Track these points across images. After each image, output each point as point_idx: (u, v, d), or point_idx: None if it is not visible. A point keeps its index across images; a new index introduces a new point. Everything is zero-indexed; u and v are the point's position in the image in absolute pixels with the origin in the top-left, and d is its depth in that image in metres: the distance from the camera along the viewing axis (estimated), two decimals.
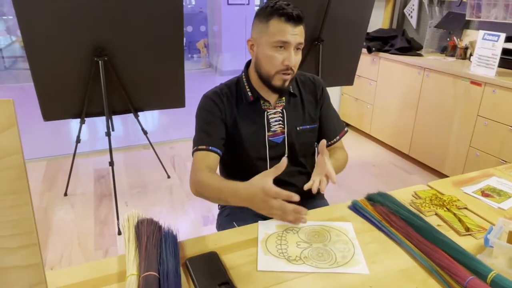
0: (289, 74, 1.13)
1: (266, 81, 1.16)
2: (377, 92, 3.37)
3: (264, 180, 0.89)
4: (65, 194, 2.57)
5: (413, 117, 3.01)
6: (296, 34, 1.09)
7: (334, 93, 3.88)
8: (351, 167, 3.12)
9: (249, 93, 1.20)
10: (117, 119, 4.01)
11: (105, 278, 0.82)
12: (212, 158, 1.15)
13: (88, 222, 2.28)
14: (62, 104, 2.20)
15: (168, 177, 2.82)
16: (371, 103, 3.45)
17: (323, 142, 1.08)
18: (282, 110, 1.23)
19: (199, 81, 6.18)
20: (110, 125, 2.23)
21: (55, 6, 1.91)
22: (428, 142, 2.90)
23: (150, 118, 4.34)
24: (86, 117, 2.26)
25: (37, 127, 2.56)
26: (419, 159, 3.03)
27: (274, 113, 1.22)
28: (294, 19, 1.08)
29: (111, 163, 2.22)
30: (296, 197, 0.86)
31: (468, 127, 2.56)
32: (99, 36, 2.05)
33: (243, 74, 1.23)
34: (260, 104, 1.21)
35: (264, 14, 1.10)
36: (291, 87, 1.23)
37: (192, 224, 2.30)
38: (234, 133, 1.20)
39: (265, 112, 1.21)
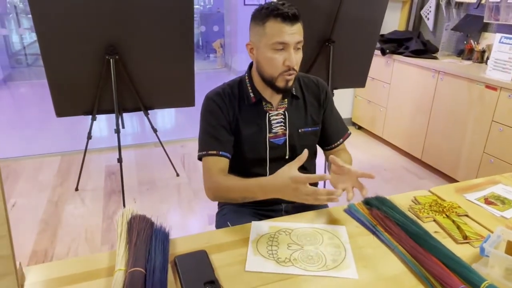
0: (291, 74, 1.12)
1: (269, 83, 1.15)
2: (390, 95, 3.31)
3: (290, 171, 0.93)
4: (76, 189, 2.63)
5: (426, 121, 2.95)
6: (294, 33, 1.07)
7: (347, 95, 3.84)
8: (361, 170, 3.09)
9: (251, 95, 1.20)
10: (132, 117, 4.09)
11: (94, 272, 0.84)
12: (223, 163, 1.17)
13: (96, 217, 2.33)
14: (74, 101, 2.25)
15: (177, 175, 2.85)
16: (384, 106, 3.39)
17: (334, 158, 1.07)
18: (284, 112, 1.22)
19: (213, 80, 6.22)
20: (119, 122, 2.26)
21: (68, 5, 1.96)
22: (441, 147, 2.84)
23: (164, 116, 4.39)
24: (97, 114, 2.31)
25: (55, 122, 2.65)
26: (432, 164, 2.97)
27: (276, 115, 1.21)
28: (291, 18, 1.06)
29: (120, 160, 2.25)
30: (328, 176, 0.92)
31: (482, 132, 2.49)
32: (110, 34, 2.09)
33: (246, 75, 1.23)
34: (262, 106, 1.21)
35: (260, 16, 1.09)
36: (294, 89, 1.22)
37: (198, 222, 2.31)
38: (235, 133, 1.21)
39: (267, 114, 1.20)
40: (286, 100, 1.22)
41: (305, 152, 0.94)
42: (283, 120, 1.22)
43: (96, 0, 1.98)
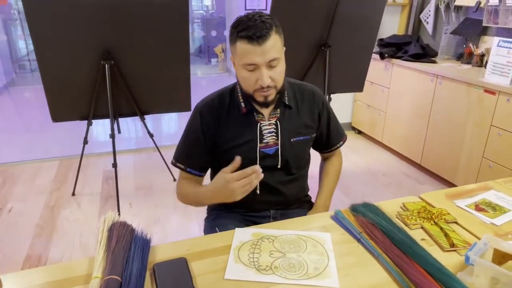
0: (267, 91, 1.08)
1: (249, 97, 1.14)
2: (389, 99, 3.29)
3: (224, 174, 1.03)
4: (73, 194, 2.63)
5: (425, 126, 2.92)
6: (264, 52, 1.02)
7: (347, 100, 3.82)
8: (360, 175, 3.09)
9: (242, 104, 1.17)
10: (132, 121, 4.10)
11: (72, 279, 0.83)
12: (189, 176, 1.23)
13: (91, 222, 2.32)
14: (70, 106, 2.25)
15: (174, 180, 2.84)
16: (384, 110, 3.37)
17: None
18: (276, 122, 1.19)
19: (214, 85, 6.22)
20: (114, 127, 2.26)
21: (64, 11, 1.97)
22: (440, 151, 2.81)
23: (165, 120, 4.40)
24: (93, 119, 2.31)
25: (55, 127, 2.67)
26: (431, 169, 2.94)
27: (268, 125, 1.18)
28: (257, 39, 1.00)
29: (114, 165, 2.25)
30: (257, 167, 1.00)
31: (481, 137, 2.46)
32: (106, 40, 2.09)
33: (238, 84, 1.19)
34: (254, 116, 1.18)
35: (232, 35, 1.06)
36: (287, 98, 1.19)
37: (193, 227, 2.30)
38: (224, 143, 1.18)
39: (258, 124, 1.18)
40: (278, 110, 1.19)
41: (237, 159, 1.05)
42: (275, 130, 1.19)
43: (91, 5, 1.98)
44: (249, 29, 1.01)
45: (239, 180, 0.99)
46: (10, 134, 3.88)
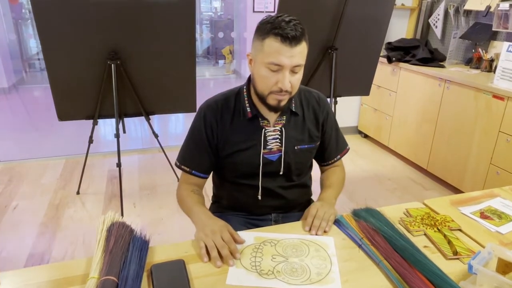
0: (284, 95, 1.07)
1: (261, 99, 1.11)
2: (396, 103, 3.26)
3: (226, 224, 1.00)
4: (78, 193, 2.64)
5: (433, 131, 2.89)
6: (292, 55, 1.00)
7: (353, 103, 3.80)
8: (365, 179, 3.06)
9: (248, 109, 1.15)
10: (138, 121, 4.12)
11: (69, 279, 0.83)
12: (195, 180, 1.22)
13: (95, 221, 2.33)
14: (76, 105, 2.26)
15: (178, 181, 2.84)
16: (390, 114, 3.34)
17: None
18: (281, 128, 1.17)
19: (221, 86, 6.23)
20: (120, 127, 2.27)
21: (71, 11, 1.98)
22: (447, 157, 2.78)
23: (171, 121, 4.41)
24: (98, 118, 2.32)
25: (62, 126, 2.69)
26: (438, 174, 2.90)
27: (273, 131, 1.17)
28: (290, 40, 0.99)
29: (119, 165, 2.26)
30: (238, 256, 0.92)
31: (489, 143, 2.43)
32: (112, 40, 2.10)
33: (245, 87, 1.18)
34: (259, 121, 1.16)
35: (262, 30, 1.02)
36: (293, 105, 1.18)
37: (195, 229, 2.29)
38: (228, 147, 1.17)
39: (263, 130, 1.16)
40: (284, 116, 1.17)
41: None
42: (279, 137, 1.17)
43: (98, 5, 2.00)
44: (284, 28, 0.99)
45: (224, 235, 0.94)
46: (18, 133, 3.92)
